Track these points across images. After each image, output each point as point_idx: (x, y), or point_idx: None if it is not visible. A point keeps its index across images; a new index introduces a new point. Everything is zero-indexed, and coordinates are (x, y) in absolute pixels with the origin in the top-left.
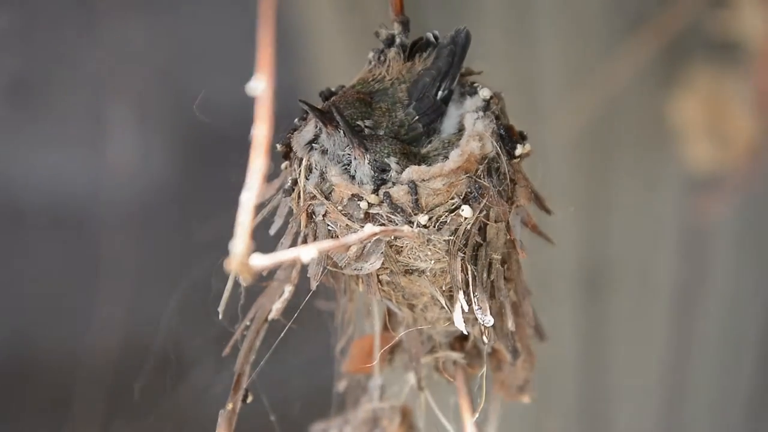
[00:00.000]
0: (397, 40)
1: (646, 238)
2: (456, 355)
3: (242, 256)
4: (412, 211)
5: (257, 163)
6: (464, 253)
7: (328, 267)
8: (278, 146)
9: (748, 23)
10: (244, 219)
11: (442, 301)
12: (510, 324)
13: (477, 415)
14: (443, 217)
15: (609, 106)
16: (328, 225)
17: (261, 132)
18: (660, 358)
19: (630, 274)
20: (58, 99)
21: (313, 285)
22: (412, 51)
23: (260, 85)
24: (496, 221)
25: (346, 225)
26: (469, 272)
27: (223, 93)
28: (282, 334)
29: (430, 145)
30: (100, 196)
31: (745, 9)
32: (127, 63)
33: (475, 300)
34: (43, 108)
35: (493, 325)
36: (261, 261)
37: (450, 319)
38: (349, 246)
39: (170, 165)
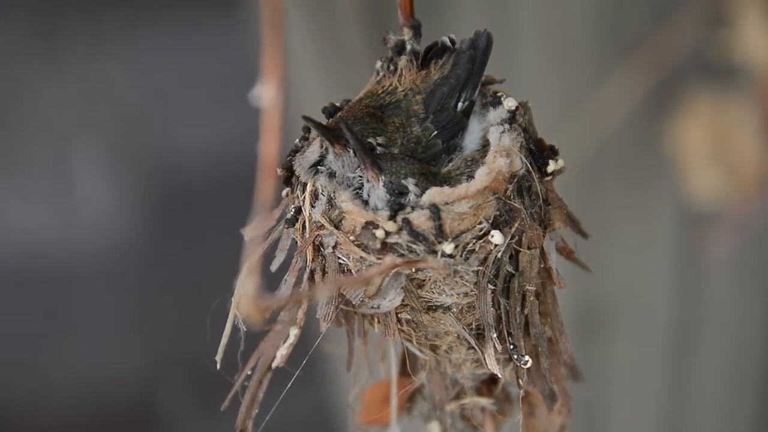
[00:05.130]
0: (408, 47)
1: (643, 274)
2: (485, 401)
3: (252, 297)
4: (436, 239)
5: (265, 186)
6: (495, 285)
7: (340, 306)
8: (278, 170)
9: (751, 44)
10: (252, 254)
11: (471, 341)
12: (546, 364)
13: None
14: (471, 244)
15: (603, 136)
16: (339, 258)
17: (269, 150)
18: (659, 396)
19: (627, 312)
20: (23, 148)
21: (323, 327)
22: (426, 58)
23: (267, 93)
24: (529, 248)
25: (360, 257)
26: (501, 307)
27: (194, 140)
28: (290, 384)
29: (451, 164)
30: (69, 249)
31: (748, 29)
32: (95, 111)
33: (509, 338)
34: (7, 158)
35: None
36: (267, 302)
37: (478, 361)
38: (369, 281)
39: (140, 215)
